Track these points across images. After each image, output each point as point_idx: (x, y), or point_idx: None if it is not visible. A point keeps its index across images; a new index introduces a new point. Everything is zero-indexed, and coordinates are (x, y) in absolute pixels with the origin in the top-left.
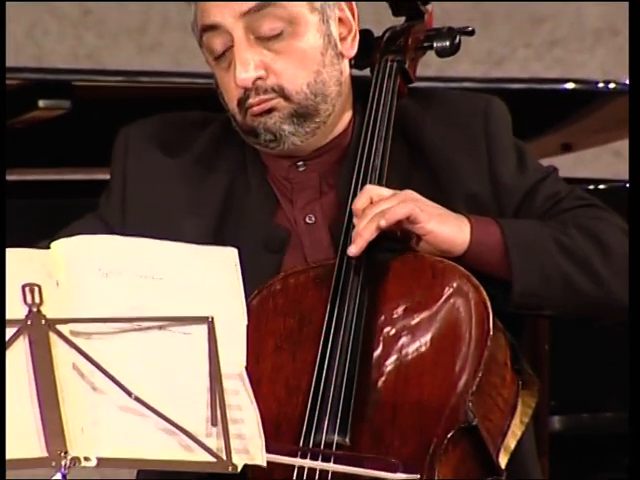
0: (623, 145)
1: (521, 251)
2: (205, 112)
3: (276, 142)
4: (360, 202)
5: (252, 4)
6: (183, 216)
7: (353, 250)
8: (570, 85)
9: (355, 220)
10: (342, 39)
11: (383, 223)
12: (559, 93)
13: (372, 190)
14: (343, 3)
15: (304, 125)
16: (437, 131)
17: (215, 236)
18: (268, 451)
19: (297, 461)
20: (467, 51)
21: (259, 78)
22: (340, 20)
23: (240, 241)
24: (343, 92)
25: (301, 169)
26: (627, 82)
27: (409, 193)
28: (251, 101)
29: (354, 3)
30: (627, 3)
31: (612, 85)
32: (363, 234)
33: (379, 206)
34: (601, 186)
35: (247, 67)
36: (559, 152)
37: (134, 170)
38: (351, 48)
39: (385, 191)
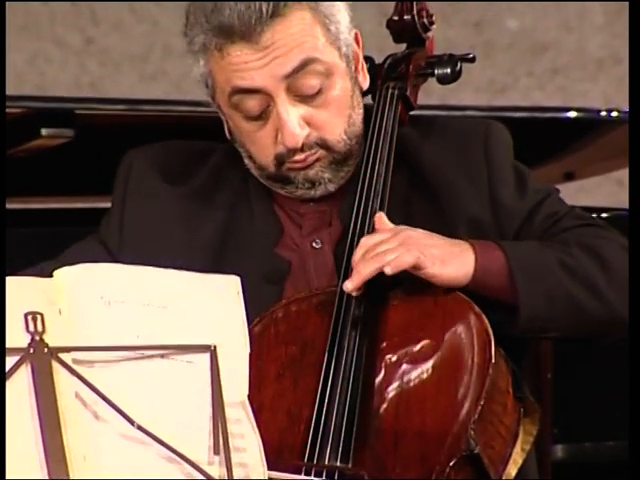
0: (626, 174)
1: (526, 275)
2: (208, 142)
3: (313, 189)
4: (357, 257)
5: (294, 65)
6: (178, 247)
7: (349, 287)
8: (572, 114)
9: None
10: (357, 74)
11: (388, 270)
12: (561, 121)
13: (368, 243)
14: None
15: (341, 169)
16: (437, 156)
17: (213, 267)
18: (270, 469)
19: (301, 478)
20: (469, 79)
21: (305, 136)
22: (354, 54)
23: (240, 272)
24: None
25: (312, 204)
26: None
27: (408, 235)
28: (296, 158)
29: (359, 33)
30: (628, 31)
31: (614, 113)
32: (361, 271)
33: (381, 247)
34: (604, 215)
35: (295, 130)
36: (562, 180)
37: (134, 194)
38: (364, 79)
39: (381, 236)
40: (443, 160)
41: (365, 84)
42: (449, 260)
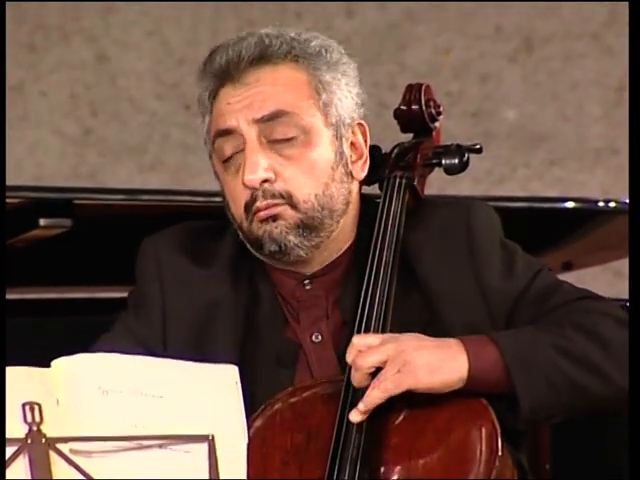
0: (623, 264)
1: (522, 366)
2: (218, 222)
3: (281, 253)
4: (350, 357)
5: (265, 113)
6: (217, 330)
7: (357, 418)
8: (570, 204)
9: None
10: (352, 162)
11: (385, 395)
12: (559, 212)
13: (360, 344)
14: (356, 127)
15: (309, 238)
16: (422, 246)
17: (240, 351)
18: None
19: None
20: (468, 170)
21: (267, 181)
22: (352, 144)
23: (255, 357)
24: (350, 212)
25: (307, 287)
26: (627, 201)
27: (401, 347)
28: (258, 204)
29: (367, 129)
30: (627, 122)
31: (612, 204)
32: (368, 403)
33: (382, 374)
34: None
35: (257, 167)
36: (560, 270)
37: (172, 284)
38: (361, 171)
39: (372, 340)
40: (427, 250)
41: (359, 175)
42: (442, 368)
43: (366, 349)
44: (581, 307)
